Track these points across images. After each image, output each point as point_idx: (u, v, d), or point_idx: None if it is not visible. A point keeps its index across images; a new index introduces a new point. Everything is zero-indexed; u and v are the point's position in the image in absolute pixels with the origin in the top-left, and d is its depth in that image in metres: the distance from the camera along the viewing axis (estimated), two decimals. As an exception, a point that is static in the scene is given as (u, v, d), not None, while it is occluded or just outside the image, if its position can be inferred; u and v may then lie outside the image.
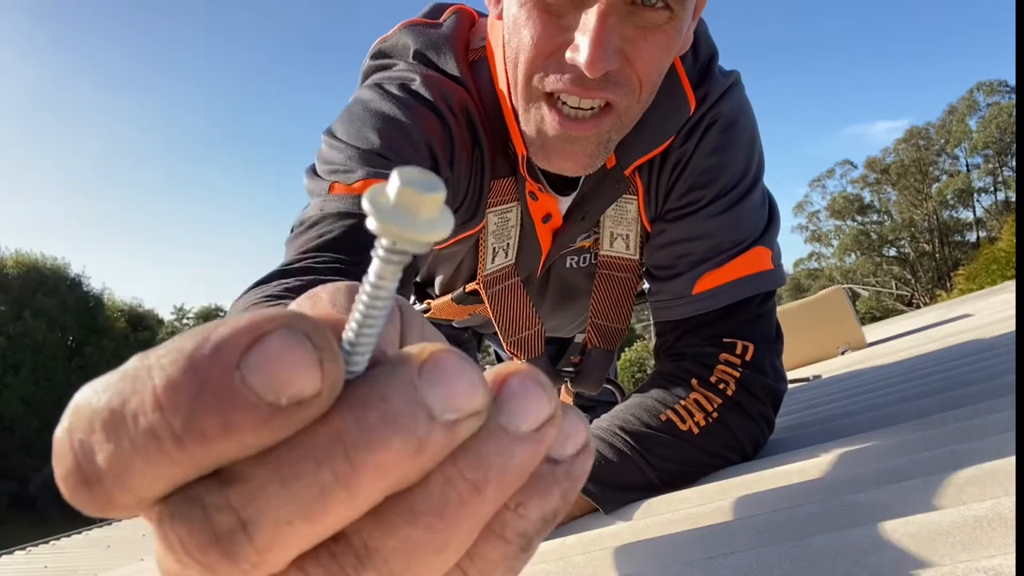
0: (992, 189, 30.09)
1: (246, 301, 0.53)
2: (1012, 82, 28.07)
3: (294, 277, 0.56)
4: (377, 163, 0.66)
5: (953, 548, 0.42)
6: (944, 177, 30.65)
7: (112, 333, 23.60)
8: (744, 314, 0.79)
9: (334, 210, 0.63)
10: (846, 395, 1.13)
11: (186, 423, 0.14)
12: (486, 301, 0.87)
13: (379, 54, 0.81)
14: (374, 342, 0.17)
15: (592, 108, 0.65)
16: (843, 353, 2.13)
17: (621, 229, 0.86)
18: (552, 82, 0.64)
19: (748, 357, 0.77)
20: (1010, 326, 1.45)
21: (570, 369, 0.96)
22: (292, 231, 0.67)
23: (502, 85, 0.74)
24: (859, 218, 32.23)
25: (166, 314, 50.90)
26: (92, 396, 0.15)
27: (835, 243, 33.13)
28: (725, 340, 0.78)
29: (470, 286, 0.88)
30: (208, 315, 53.30)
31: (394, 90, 0.71)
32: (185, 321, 53.65)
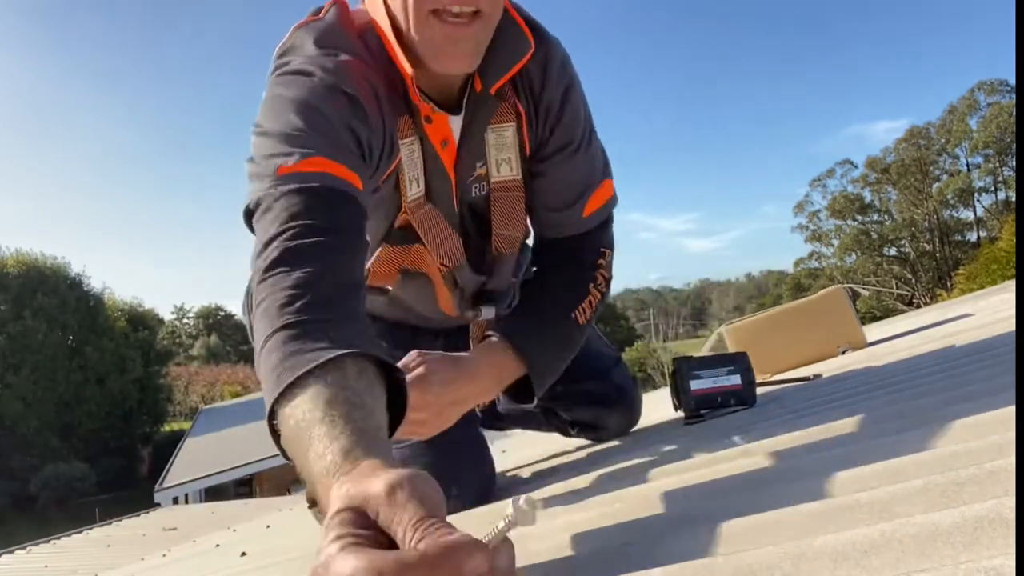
0: (992, 189, 30.06)
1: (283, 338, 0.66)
2: (1012, 81, 28.04)
3: (290, 266, 0.71)
4: (308, 143, 0.80)
5: (954, 548, 0.42)
6: (944, 177, 30.61)
7: (112, 333, 23.53)
8: (608, 226, 1.17)
9: (287, 188, 0.77)
10: (846, 395, 1.13)
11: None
12: (415, 224, 1.04)
13: (281, 55, 0.94)
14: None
15: (467, 12, 0.86)
16: (843, 353, 2.13)
17: (503, 155, 1.08)
18: (437, 1, 0.85)
19: (608, 260, 1.15)
20: (1010, 326, 1.45)
21: (483, 277, 1.17)
22: (251, 214, 0.80)
23: (389, 35, 0.94)
24: (859, 218, 32.20)
25: (166, 313, 51.01)
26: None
27: (835, 243, 33.09)
28: (603, 249, 1.15)
29: (400, 220, 1.05)
30: (208, 314, 53.35)
31: (301, 78, 0.86)
32: (185, 320, 53.63)
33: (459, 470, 1.12)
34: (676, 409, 1.31)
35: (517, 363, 1.05)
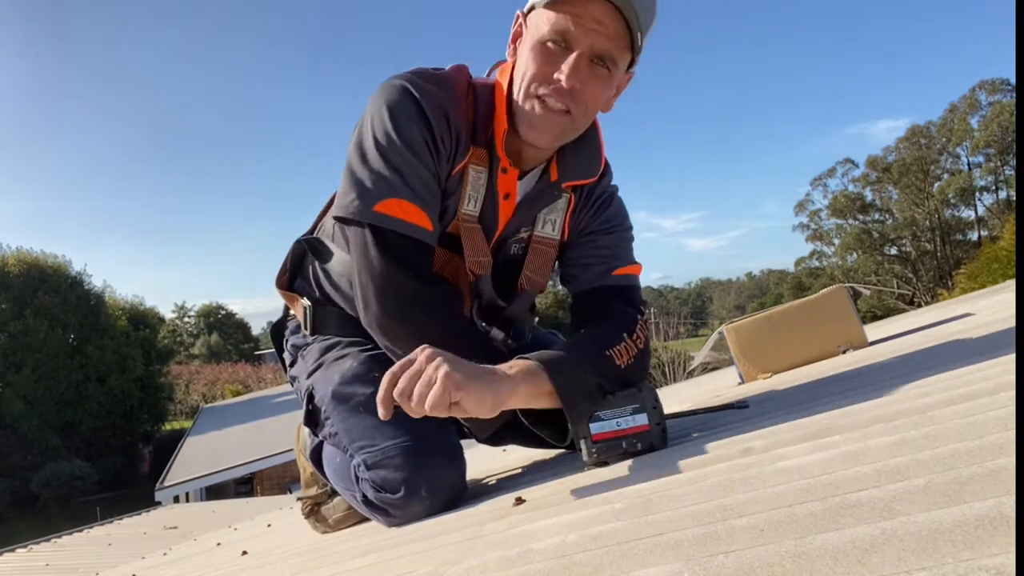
0: (994, 188, 30.02)
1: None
2: (1013, 80, 27.95)
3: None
4: (399, 184, 1.11)
5: (955, 547, 0.42)
6: (946, 176, 30.57)
7: (113, 331, 23.50)
8: (639, 294, 1.32)
9: (381, 227, 1.12)
10: (848, 393, 1.13)
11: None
12: (462, 232, 1.23)
13: (392, 79, 1.16)
14: None
15: (559, 108, 1.10)
16: (844, 352, 2.13)
17: (551, 216, 1.31)
18: (543, 90, 1.10)
19: (645, 321, 1.26)
20: (1011, 325, 1.45)
21: (503, 304, 1.33)
22: (346, 218, 1.14)
23: (506, 96, 1.17)
24: (860, 217, 32.17)
25: (167, 312, 50.98)
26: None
27: (836, 242, 33.07)
28: (640, 307, 1.28)
29: (451, 226, 1.23)
30: (209, 313, 53.35)
31: (399, 101, 1.13)
32: (186, 319, 53.60)
33: (432, 467, 1.16)
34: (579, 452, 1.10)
35: (545, 378, 1.04)
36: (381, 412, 0.93)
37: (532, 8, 1.11)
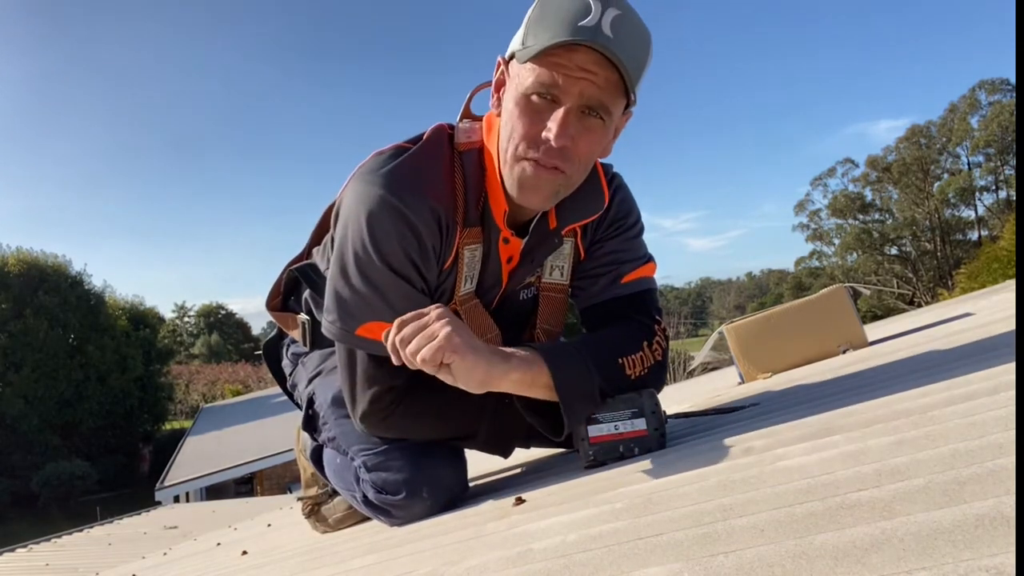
0: (994, 187, 30.01)
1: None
2: (1013, 80, 27.96)
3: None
4: (379, 308, 1.08)
5: (955, 547, 0.42)
6: (946, 175, 30.57)
7: (113, 331, 23.51)
8: (654, 298, 1.25)
9: (363, 350, 1.11)
10: (848, 393, 1.13)
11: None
12: (463, 314, 1.17)
13: (365, 174, 1.08)
14: None
15: (548, 164, 1.01)
16: (844, 352, 2.13)
17: (558, 262, 1.24)
18: (532, 152, 1.01)
19: (664, 330, 1.22)
20: (1011, 325, 1.45)
21: None
22: (327, 332, 1.13)
23: (495, 160, 1.08)
24: (861, 217, 32.17)
25: (167, 312, 51.03)
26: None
27: (836, 242, 33.07)
28: (656, 316, 1.22)
29: (449, 307, 1.15)
30: (209, 313, 53.40)
31: (377, 214, 1.04)
32: (186, 319, 53.64)
33: (432, 468, 1.17)
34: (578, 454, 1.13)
35: (545, 370, 1.04)
36: (393, 358, 0.97)
37: (513, 56, 1.02)
